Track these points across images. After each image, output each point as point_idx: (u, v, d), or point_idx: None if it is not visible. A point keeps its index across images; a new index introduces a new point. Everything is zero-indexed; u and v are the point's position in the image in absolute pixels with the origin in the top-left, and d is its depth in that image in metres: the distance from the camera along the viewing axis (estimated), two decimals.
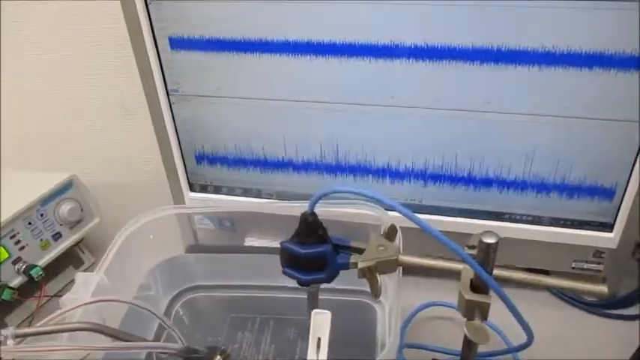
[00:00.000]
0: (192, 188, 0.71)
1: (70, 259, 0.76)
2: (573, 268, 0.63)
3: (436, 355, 0.59)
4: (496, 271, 0.42)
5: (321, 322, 0.38)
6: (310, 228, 0.44)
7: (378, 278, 0.44)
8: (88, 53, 0.78)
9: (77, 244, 0.75)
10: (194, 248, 0.70)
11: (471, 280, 0.42)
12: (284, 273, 0.47)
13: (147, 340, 0.51)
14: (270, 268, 0.50)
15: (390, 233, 0.49)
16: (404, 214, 0.40)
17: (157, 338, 0.58)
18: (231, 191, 0.70)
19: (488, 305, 0.40)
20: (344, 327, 0.60)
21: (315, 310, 0.39)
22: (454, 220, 0.63)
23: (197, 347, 0.53)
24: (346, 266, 0.45)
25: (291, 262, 0.46)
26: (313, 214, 0.44)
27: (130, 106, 0.79)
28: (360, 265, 0.44)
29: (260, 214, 0.67)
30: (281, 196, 0.68)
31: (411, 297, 0.65)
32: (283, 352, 0.58)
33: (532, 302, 0.42)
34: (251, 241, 0.72)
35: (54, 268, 0.73)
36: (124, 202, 0.80)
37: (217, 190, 0.70)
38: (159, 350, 0.51)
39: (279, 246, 0.51)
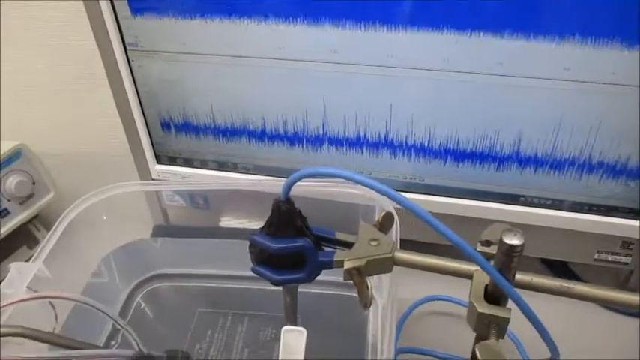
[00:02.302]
0: (159, 160, 0.61)
1: (23, 238, 0.67)
2: (596, 259, 0.54)
3: None
4: (519, 276, 0.33)
5: (292, 342, 0.29)
6: (285, 218, 0.36)
7: (368, 284, 0.35)
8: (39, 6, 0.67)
9: (30, 221, 0.66)
10: (161, 229, 0.61)
11: (486, 287, 0.33)
12: (254, 271, 0.38)
13: (91, 346, 0.43)
14: (246, 255, 0.42)
15: (385, 223, 0.40)
16: (404, 206, 0.31)
17: (111, 338, 0.50)
18: (203, 164, 0.61)
19: (506, 321, 0.32)
20: (328, 325, 0.52)
21: (285, 328, 0.31)
22: (461, 202, 0.54)
23: (153, 353, 0.45)
24: (329, 265, 0.37)
25: (263, 258, 0.37)
26: (288, 202, 0.35)
27: (88, 67, 0.69)
28: (347, 264, 0.35)
29: (237, 190, 0.58)
30: (260, 171, 0.59)
31: (408, 288, 0.56)
32: (258, 355, 0.50)
33: (547, 296, 0.34)
34: (227, 222, 0.63)
35: (4, 248, 0.64)
36: (85, 174, 0.71)
37: (188, 162, 0.61)
38: (106, 358, 0.43)
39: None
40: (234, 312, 0.54)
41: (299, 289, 0.42)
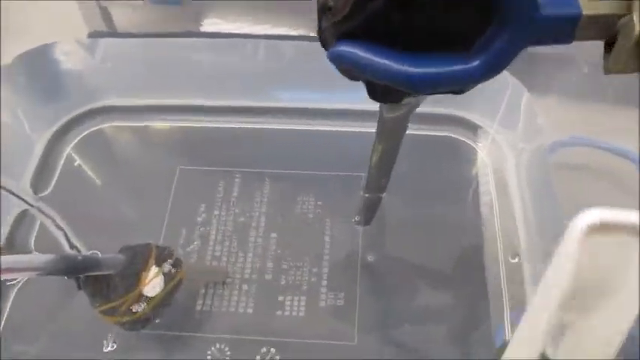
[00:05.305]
0: None
1: None
2: None
3: None
4: None
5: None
6: None
7: None
8: None
9: None
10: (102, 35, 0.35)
11: None
12: (336, 59, 0.13)
13: None
14: (259, 64, 0.19)
15: None
16: None
17: (16, 232, 0.28)
18: None
19: None
20: (412, 180, 0.30)
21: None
22: None
23: (97, 254, 0.22)
24: (568, 26, 0.13)
25: (359, 19, 0.13)
26: None
27: None
28: None
29: None
30: None
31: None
32: (290, 245, 0.28)
33: None
34: (213, 24, 0.39)
35: None
36: None
37: None
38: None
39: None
40: (244, 170, 0.30)
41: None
